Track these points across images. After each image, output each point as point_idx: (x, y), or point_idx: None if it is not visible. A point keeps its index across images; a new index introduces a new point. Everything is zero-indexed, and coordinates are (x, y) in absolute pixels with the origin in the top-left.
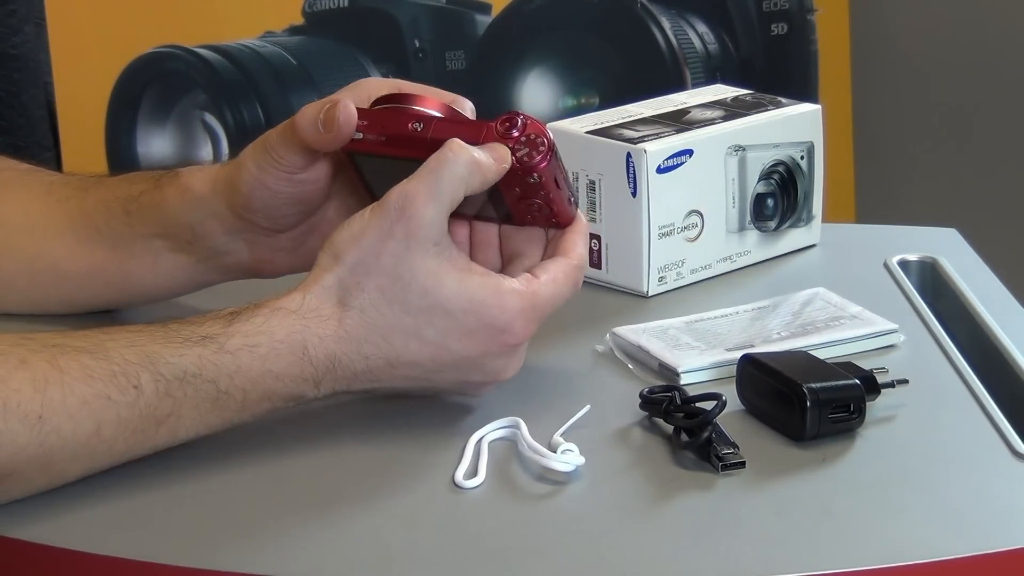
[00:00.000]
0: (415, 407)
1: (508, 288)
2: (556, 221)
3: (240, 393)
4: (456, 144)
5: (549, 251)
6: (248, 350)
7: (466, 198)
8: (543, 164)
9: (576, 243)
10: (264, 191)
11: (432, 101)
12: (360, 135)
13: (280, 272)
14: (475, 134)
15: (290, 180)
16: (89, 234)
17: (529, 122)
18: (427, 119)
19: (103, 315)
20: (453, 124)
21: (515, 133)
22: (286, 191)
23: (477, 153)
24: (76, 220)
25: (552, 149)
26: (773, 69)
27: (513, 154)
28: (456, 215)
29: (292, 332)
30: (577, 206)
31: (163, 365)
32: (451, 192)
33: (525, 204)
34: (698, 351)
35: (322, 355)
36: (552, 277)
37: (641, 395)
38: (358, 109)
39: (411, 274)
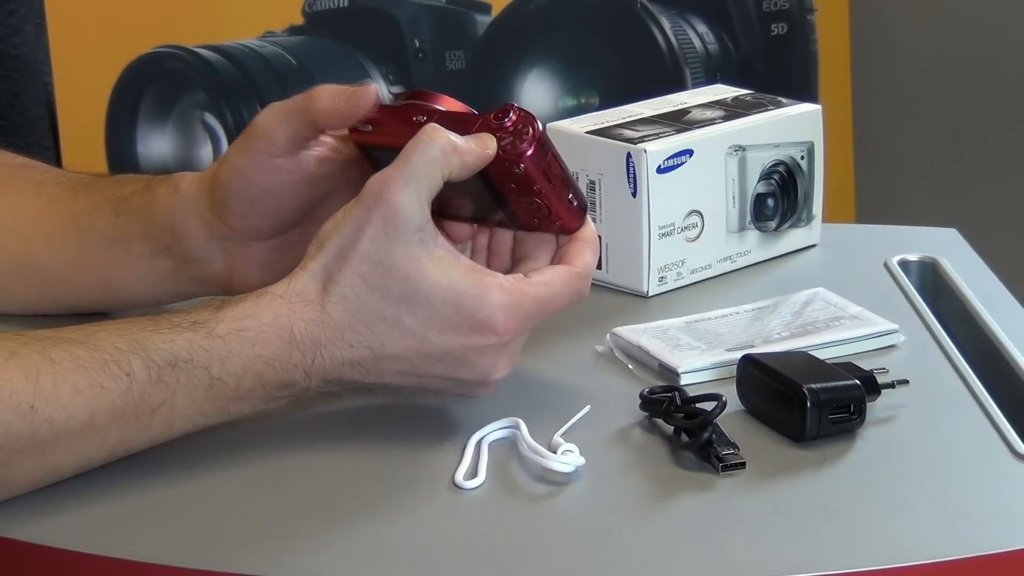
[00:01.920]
0: (415, 407)
1: (492, 283)
2: (561, 224)
3: (233, 379)
4: (431, 128)
5: (555, 259)
6: (237, 334)
7: (474, 200)
8: (528, 152)
9: (581, 251)
10: (241, 180)
11: (449, 100)
12: (369, 127)
13: (254, 287)
14: (470, 125)
15: (268, 165)
16: (75, 235)
17: (522, 113)
18: (431, 112)
19: (97, 317)
20: (452, 115)
21: (507, 124)
22: (262, 179)
23: (455, 138)
24: (64, 220)
25: (539, 139)
26: (773, 69)
27: (499, 143)
28: (473, 221)
29: (279, 315)
30: (585, 212)
31: (154, 351)
32: (427, 176)
33: (526, 204)
34: (698, 351)
35: (308, 340)
36: (546, 279)
37: (641, 395)
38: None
39: (391, 260)
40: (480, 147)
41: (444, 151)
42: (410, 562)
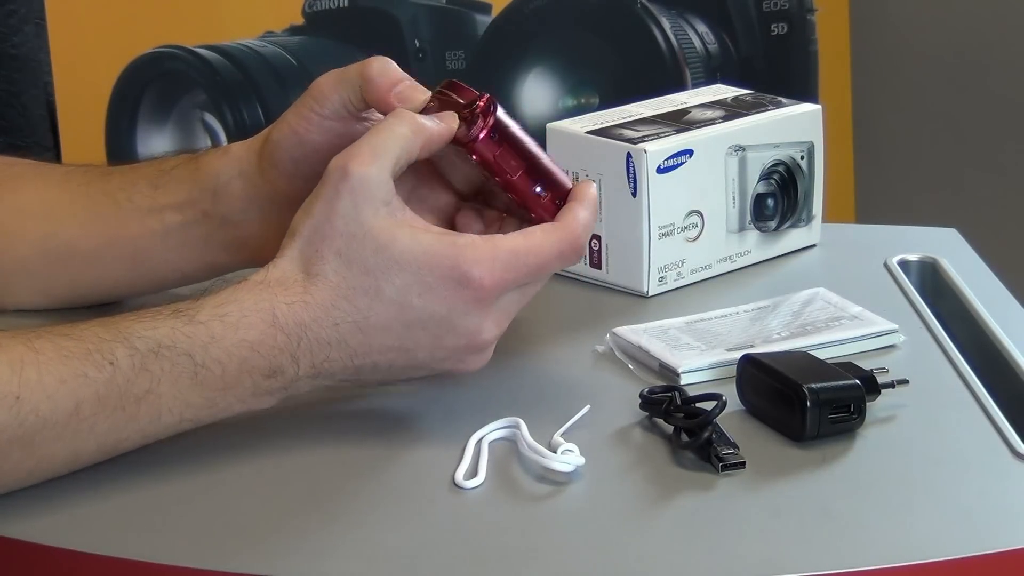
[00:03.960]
0: (415, 407)
1: (464, 241)
2: (536, 218)
3: (217, 366)
4: (400, 110)
5: None
6: (219, 319)
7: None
8: (478, 138)
9: (571, 208)
10: (292, 137)
11: (471, 94)
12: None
13: None
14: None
15: (320, 125)
16: (106, 211)
17: (486, 103)
18: (433, 99)
19: (100, 309)
20: (443, 104)
21: (476, 110)
22: (312, 138)
23: (422, 117)
24: (96, 199)
25: (490, 129)
26: (773, 69)
27: (459, 129)
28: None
29: (260, 300)
30: (561, 205)
31: (137, 339)
32: (393, 151)
33: (503, 192)
34: (698, 351)
35: (292, 322)
36: (524, 233)
37: (641, 395)
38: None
39: (363, 231)
40: (447, 124)
41: (412, 128)
42: (410, 562)
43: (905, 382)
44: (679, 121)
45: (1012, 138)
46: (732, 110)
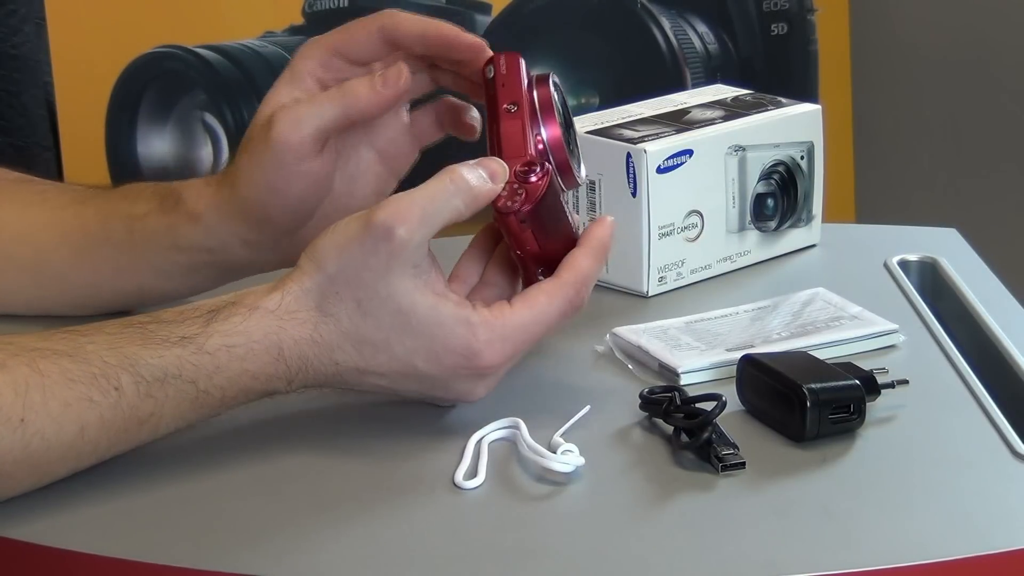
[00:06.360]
0: (415, 407)
1: (478, 320)
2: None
3: (218, 391)
4: (458, 175)
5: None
6: (227, 350)
7: None
8: (507, 218)
9: (573, 258)
10: (275, 196)
11: (551, 115)
12: (492, 73)
13: (278, 267)
14: (510, 162)
15: (298, 174)
16: (89, 247)
17: (537, 181)
18: (521, 105)
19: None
20: (512, 140)
21: (529, 180)
22: (295, 189)
23: (475, 182)
24: (74, 231)
25: (524, 215)
26: (773, 69)
27: (501, 192)
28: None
29: (269, 333)
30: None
31: (143, 367)
32: (442, 221)
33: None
34: (698, 351)
35: (296, 356)
36: (529, 302)
37: (641, 395)
38: (509, 56)
39: (388, 291)
40: (494, 183)
41: (465, 200)
42: (410, 562)
43: (905, 382)
44: (679, 121)
45: (1012, 138)
46: (732, 110)
